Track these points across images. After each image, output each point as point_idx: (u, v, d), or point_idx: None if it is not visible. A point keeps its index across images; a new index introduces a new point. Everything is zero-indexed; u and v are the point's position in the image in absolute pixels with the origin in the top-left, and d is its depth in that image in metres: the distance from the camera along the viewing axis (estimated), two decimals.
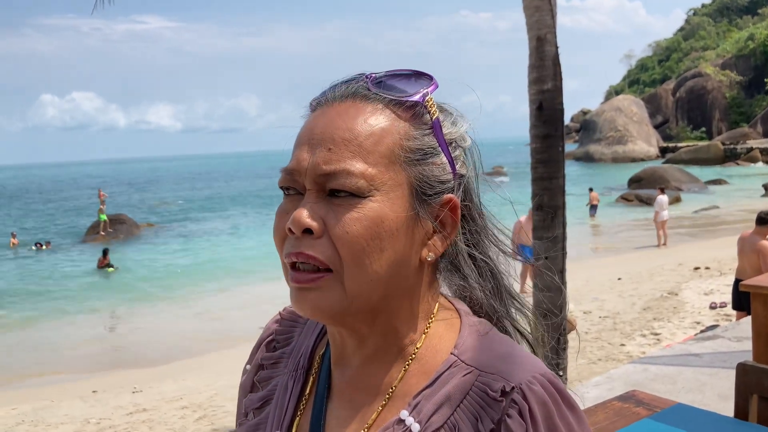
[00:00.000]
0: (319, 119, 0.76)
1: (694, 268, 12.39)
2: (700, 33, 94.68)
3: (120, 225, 25.54)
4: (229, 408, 6.91)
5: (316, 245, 0.72)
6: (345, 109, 0.75)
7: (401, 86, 0.77)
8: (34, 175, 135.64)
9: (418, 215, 0.75)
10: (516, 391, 0.71)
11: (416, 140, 0.75)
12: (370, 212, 0.71)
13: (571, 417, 0.73)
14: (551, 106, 4.75)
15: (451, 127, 0.80)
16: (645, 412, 1.89)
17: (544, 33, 4.80)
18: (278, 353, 0.91)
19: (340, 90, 0.78)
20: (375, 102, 0.76)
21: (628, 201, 27.67)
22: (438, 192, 0.76)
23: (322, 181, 0.72)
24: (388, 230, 0.72)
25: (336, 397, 0.82)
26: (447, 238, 0.78)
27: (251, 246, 21.20)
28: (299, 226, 0.72)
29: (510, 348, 0.77)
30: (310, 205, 0.73)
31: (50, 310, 13.91)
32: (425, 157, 0.76)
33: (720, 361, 4.76)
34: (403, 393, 0.77)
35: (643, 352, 7.35)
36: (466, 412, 0.73)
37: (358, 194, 0.71)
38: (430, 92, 0.77)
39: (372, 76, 0.78)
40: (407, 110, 0.76)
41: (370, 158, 0.72)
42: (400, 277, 0.75)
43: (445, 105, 0.82)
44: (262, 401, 0.88)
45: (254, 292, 14.12)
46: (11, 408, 7.65)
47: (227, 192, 50.97)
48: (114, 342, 11.47)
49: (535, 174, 4.80)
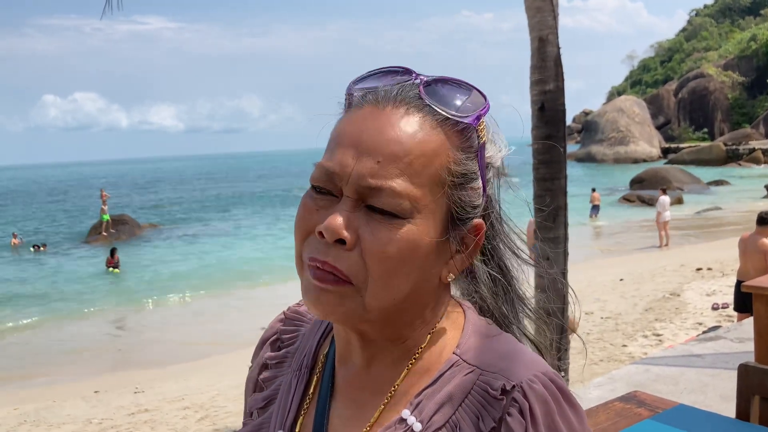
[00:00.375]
0: (369, 123, 0.72)
1: (696, 269, 12.38)
2: (703, 34, 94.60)
3: (122, 225, 25.57)
4: (230, 408, 6.91)
5: (344, 258, 0.70)
6: (398, 119, 0.72)
7: (455, 101, 0.75)
8: (36, 175, 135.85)
9: (449, 240, 0.75)
10: (517, 390, 0.72)
11: (462, 165, 0.75)
12: (407, 234, 0.70)
13: (572, 415, 0.73)
14: (553, 107, 4.76)
15: (491, 148, 0.79)
16: (647, 413, 1.89)
17: (546, 34, 4.80)
18: (282, 353, 0.91)
19: (392, 91, 0.74)
20: (429, 116, 0.73)
21: (630, 202, 27.67)
22: (470, 216, 0.76)
23: (365, 192, 0.70)
24: (420, 254, 0.72)
25: (339, 397, 0.82)
26: (468, 260, 0.78)
27: (253, 247, 21.24)
28: (333, 234, 0.69)
29: (512, 347, 0.77)
30: (347, 214, 0.70)
31: (52, 310, 13.93)
32: (466, 182, 0.75)
33: (722, 362, 4.76)
34: (405, 392, 0.77)
35: (645, 353, 7.35)
36: (467, 410, 0.73)
37: (399, 215, 0.70)
38: (484, 114, 0.76)
39: (423, 79, 0.75)
40: (460, 132, 0.74)
41: (417, 179, 0.71)
42: (419, 294, 0.76)
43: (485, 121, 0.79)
44: (266, 401, 0.88)
45: (256, 294, 14.13)
46: (13, 408, 7.66)
47: (230, 192, 51.01)
48: (116, 342, 11.48)
49: (537, 175, 4.80)
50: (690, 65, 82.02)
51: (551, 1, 4.79)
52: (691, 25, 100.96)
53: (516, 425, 0.71)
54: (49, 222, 34.44)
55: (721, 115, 66.56)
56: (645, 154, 55.78)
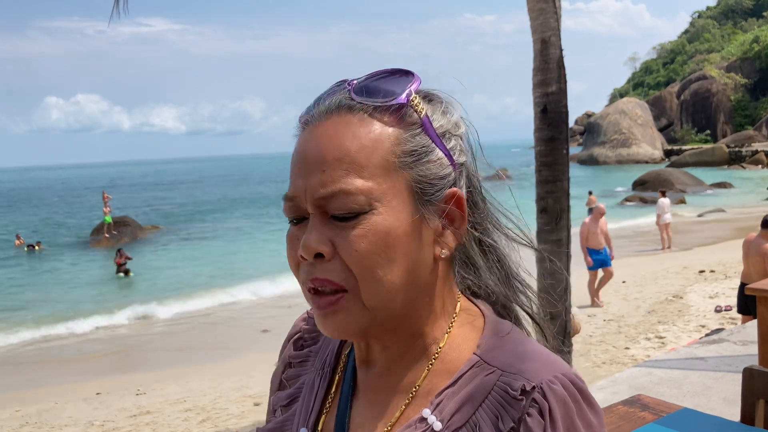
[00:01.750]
0: (309, 140, 0.75)
1: (699, 272, 12.35)
2: (705, 36, 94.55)
3: (124, 227, 25.62)
4: (232, 411, 6.91)
5: (329, 268, 0.73)
6: (332, 126, 0.74)
7: (384, 88, 0.76)
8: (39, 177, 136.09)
9: (423, 217, 0.75)
10: (537, 391, 0.72)
11: (408, 142, 0.74)
12: (374, 226, 0.71)
13: (591, 416, 0.73)
14: (556, 109, 4.75)
15: (441, 118, 0.78)
16: (650, 417, 1.88)
17: (548, 35, 4.79)
18: (305, 351, 0.93)
19: (324, 104, 0.77)
20: (360, 112, 0.75)
21: (633, 204, 27.63)
22: (439, 188, 0.76)
23: (323, 203, 0.72)
24: (396, 240, 0.72)
25: (361, 396, 0.83)
26: (457, 232, 0.78)
27: (256, 249, 21.25)
28: (310, 252, 0.72)
29: (532, 347, 0.78)
30: (317, 228, 0.73)
31: (54, 311, 13.93)
32: (420, 158, 0.75)
33: (725, 365, 4.74)
34: (426, 392, 0.78)
35: (647, 355, 7.33)
36: (487, 411, 0.74)
37: (360, 211, 0.71)
38: (414, 90, 0.76)
39: (353, 82, 0.77)
40: (394, 114, 0.75)
41: (365, 172, 0.72)
42: (417, 280, 0.76)
43: (434, 93, 0.80)
44: (289, 399, 0.90)
45: (260, 296, 14.13)
46: (15, 410, 7.66)
47: (232, 195, 51.06)
48: (117, 344, 11.47)
49: (540, 177, 4.79)
50: (692, 67, 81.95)
51: (554, 3, 4.78)
52: (694, 27, 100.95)
53: (535, 426, 0.71)
54: (51, 224, 34.49)
55: (724, 117, 66.47)
56: (647, 156, 55.74)
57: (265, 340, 10.25)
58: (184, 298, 14.63)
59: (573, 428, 0.71)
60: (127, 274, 17.82)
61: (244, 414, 6.77)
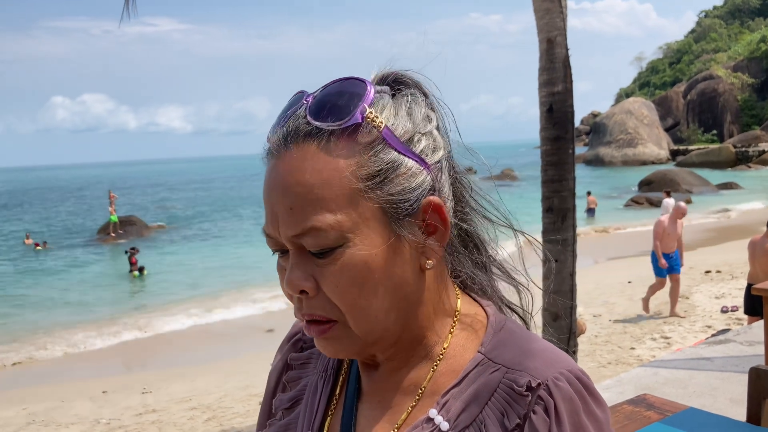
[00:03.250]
0: (272, 176, 0.73)
1: (705, 272, 12.31)
2: (712, 35, 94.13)
3: (130, 226, 25.71)
4: (237, 409, 6.92)
5: (315, 304, 0.73)
6: (291, 160, 0.71)
7: (338, 106, 0.71)
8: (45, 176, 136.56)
9: (400, 236, 0.72)
10: (542, 388, 0.72)
11: (371, 164, 0.71)
12: (351, 260, 0.70)
13: (598, 412, 0.73)
14: (561, 109, 4.75)
15: (406, 121, 0.74)
16: (656, 416, 1.88)
17: (554, 35, 4.79)
18: (306, 353, 0.92)
19: (282, 131, 0.73)
20: (316, 139, 0.71)
21: (638, 204, 27.56)
22: (414, 201, 0.73)
23: (296, 241, 0.71)
24: (375, 268, 0.71)
25: (366, 398, 0.83)
26: (442, 239, 0.75)
27: (262, 248, 21.19)
28: (294, 289, 0.72)
29: (537, 344, 0.77)
30: (297, 265, 0.72)
31: (59, 309, 13.99)
32: (387, 176, 0.71)
33: (732, 365, 4.72)
34: (432, 392, 0.78)
35: (653, 355, 7.31)
36: (493, 409, 0.73)
37: (333, 246, 0.70)
38: (368, 104, 0.71)
39: (309, 99, 0.74)
40: (351, 136, 0.71)
41: (332, 205, 0.69)
42: (406, 297, 0.75)
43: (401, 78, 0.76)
44: (291, 401, 0.89)
45: (264, 295, 14.14)
46: (22, 408, 7.69)
47: (238, 194, 51.13)
48: (123, 342, 11.50)
49: (546, 176, 4.79)
50: (699, 67, 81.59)
51: (559, 2, 4.78)
52: (700, 26, 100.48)
53: (540, 423, 0.71)
54: (58, 223, 34.62)
55: (731, 117, 66.17)
56: (653, 156, 55.54)
57: (270, 339, 10.27)
58: (191, 297, 14.67)
59: (579, 425, 0.71)
60: (141, 272, 17.69)
61: (249, 413, 6.79)
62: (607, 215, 24.77)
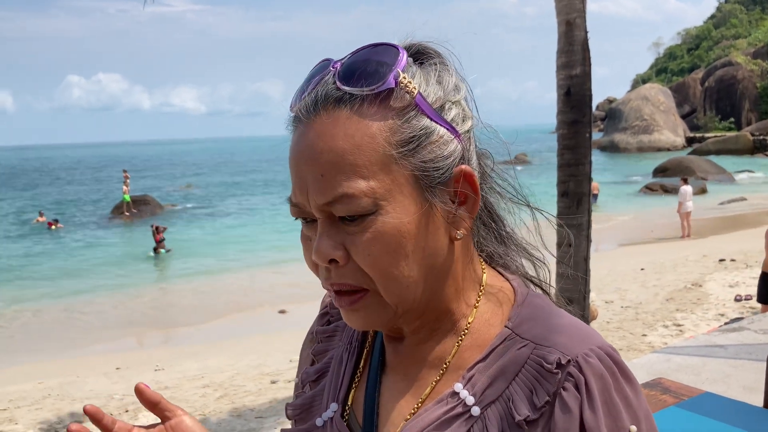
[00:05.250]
0: (302, 143, 0.71)
1: (719, 260, 12.22)
2: (732, 21, 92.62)
3: (144, 206, 25.89)
4: (249, 388, 6.99)
5: (345, 272, 0.72)
6: (322, 126, 0.70)
7: (370, 69, 0.70)
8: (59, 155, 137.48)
9: (432, 204, 0.72)
10: (572, 364, 0.70)
11: (404, 130, 0.70)
12: (383, 227, 0.69)
13: (628, 390, 0.71)
14: (579, 92, 4.70)
15: (437, 89, 0.72)
16: (672, 400, 1.87)
17: (573, 17, 4.73)
18: (332, 327, 0.92)
19: (311, 97, 0.72)
20: (348, 105, 0.69)
21: (653, 191, 27.34)
22: (446, 170, 0.72)
23: (327, 209, 0.70)
24: (407, 235, 0.70)
25: (390, 371, 0.83)
26: (472, 209, 0.75)
27: (276, 230, 21.34)
28: (323, 259, 0.71)
29: (566, 320, 0.76)
30: (327, 233, 0.71)
31: (76, 286, 14.14)
32: (420, 143, 0.70)
33: (746, 353, 4.70)
34: (457, 366, 0.77)
35: (665, 342, 7.29)
36: (521, 384, 0.72)
37: (366, 213, 0.69)
38: (401, 68, 0.70)
39: (337, 65, 0.72)
40: (383, 101, 0.69)
41: (364, 172, 0.68)
42: (435, 267, 0.74)
43: (426, 50, 0.75)
44: (318, 374, 0.89)
45: (278, 275, 14.23)
46: (38, 382, 7.81)
47: (251, 175, 51.27)
48: (138, 319, 11.63)
49: (562, 160, 4.76)
50: (718, 53, 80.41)
51: None
52: (720, 12, 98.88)
53: (571, 400, 0.69)
54: (72, 201, 34.88)
55: (749, 105, 65.25)
56: (669, 143, 55.00)
57: (282, 320, 10.34)
58: (204, 277, 14.78)
59: (611, 402, 0.70)
60: (157, 252, 17.64)
61: (261, 391, 6.85)
62: (621, 202, 24.62)
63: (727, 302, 9.07)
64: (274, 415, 6.04)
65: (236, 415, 6.16)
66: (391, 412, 0.79)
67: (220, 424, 5.99)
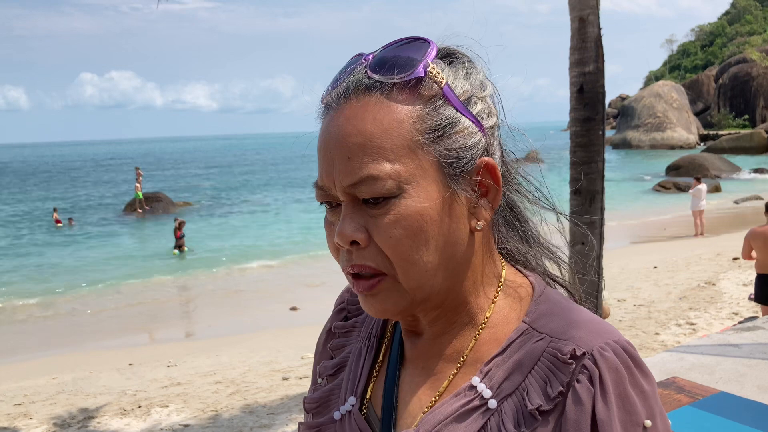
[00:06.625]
0: (331, 128, 0.74)
1: (733, 258, 12.11)
2: (747, 17, 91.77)
3: (157, 203, 26.00)
4: (261, 384, 7.01)
5: (366, 255, 0.73)
6: (351, 111, 0.72)
7: (400, 61, 0.73)
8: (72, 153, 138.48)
9: (455, 192, 0.73)
10: (587, 357, 0.71)
11: (431, 118, 0.72)
12: (406, 210, 0.71)
13: (644, 384, 0.72)
14: (592, 89, 4.68)
15: (464, 83, 0.75)
16: (687, 399, 1.86)
17: (586, 14, 4.71)
18: (350, 322, 0.93)
19: (342, 86, 0.74)
20: (378, 91, 0.72)
21: (666, 189, 27.16)
22: (469, 160, 0.74)
23: (352, 191, 0.72)
24: (429, 221, 0.71)
25: (409, 365, 0.84)
26: (493, 201, 0.76)
27: (288, 226, 21.41)
28: (345, 240, 0.73)
29: (583, 315, 0.77)
30: (350, 216, 0.72)
31: (89, 282, 14.25)
32: (446, 131, 0.72)
33: (761, 353, 4.66)
34: (474, 360, 0.78)
35: (678, 341, 7.24)
36: (536, 377, 0.73)
37: (389, 196, 0.70)
38: (431, 60, 0.73)
39: (369, 57, 0.75)
40: (413, 89, 0.72)
41: (390, 155, 0.70)
42: (455, 256, 0.75)
43: (455, 51, 0.78)
44: (335, 368, 0.91)
45: (290, 271, 14.28)
46: (52, 377, 7.88)
47: (263, 172, 51.41)
48: (150, 315, 11.70)
49: (574, 158, 4.74)
50: (732, 50, 79.70)
51: None
52: (735, 8, 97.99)
53: (584, 392, 0.70)
54: (84, 199, 35.13)
55: (764, 102, 64.60)
56: (682, 140, 54.59)
57: (294, 317, 10.36)
58: (217, 273, 14.85)
59: (625, 396, 0.70)
60: (181, 250, 17.45)
61: (272, 388, 6.87)
62: (634, 199, 24.48)
63: (741, 301, 9.00)
64: (286, 412, 6.06)
65: (248, 412, 6.19)
66: (410, 405, 0.80)
67: (232, 420, 6.02)
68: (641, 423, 0.70)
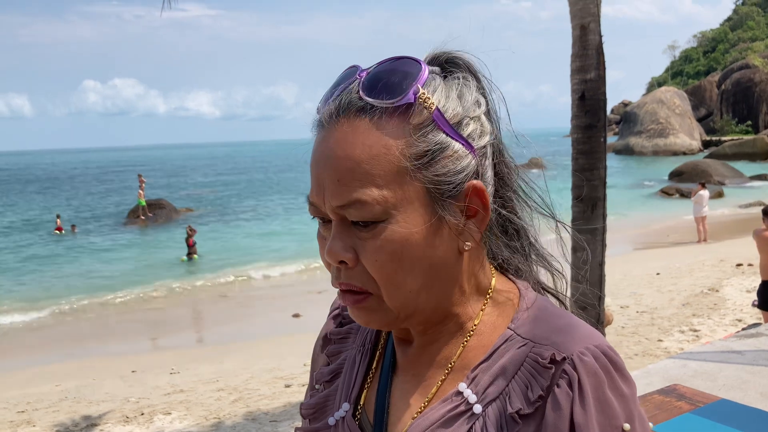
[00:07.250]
0: (322, 147, 0.74)
1: (737, 265, 12.09)
2: (749, 23, 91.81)
3: (160, 210, 26.03)
4: (264, 392, 7.01)
5: (353, 275, 0.75)
6: (341, 133, 0.73)
7: (392, 83, 0.73)
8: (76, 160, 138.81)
9: (442, 217, 0.74)
10: (567, 362, 0.72)
11: (419, 144, 0.72)
12: (392, 236, 0.72)
13: (623, 388, 0.73)
14: (594, 96, 4.69)
15: (456, 105, 0.75)
16: (687, 407, 1.86)
17: (587, 21, 4.72)
18: (345, 329, 0.95)
19: (335, 104, 0.75)
20: (369, 114, 0.72)
21: (669, 195, 27.13)
22: (458, 184, 0.74)
23: (341, 212, 0.73)
24: (415, 246, 0.73)
25: (401, 372, 0.86)
26: (481, 223, 0.77)
27: (290, 234, 21.42)
28: (334, 259, 0.75)
29: (567, 321, 0.78)
30: (339, 236, 0.74)
31: (92, 289, 14.26)
32: (434, 157, 0.73)
33: (763, 359, 4.65)
34: (462, 367, 0.80)
35: (681, 348, 7.23)
36: (519, 382, 0.75)
37: (376, 221, 0.72)
38: (421, 84, 0.73)
39: (363, 75, 0.75)
40: (402, 115, 0.72)
41: (379, 181, 0.71)
42: (441, 277, 0.77)
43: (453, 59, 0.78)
44: (331, 374, 0.93)
45: (293, 279, 14.28)
46: (55, 385, 7.89)
47: (265, 179, 51.47)
48: (153, 322, 11.71)
49: (576, 165, 4.74)
50: (735, 56, 79.70)
51: None
52: (737, 14, 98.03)
53: (563, 397, 0.71)
54: (86, 207, 35.19)
55: (767, 107, 64.52)
56: (685, 146, 54.54)
57: (296, 324, 10.36)
58: (218, 280, 14.85)
59: (604, 399, 0.71)
60: (192, 258, 17.31)
61: (275, 395, 6.87)
62: (636, 205, 24.44)
63: (744, 307, 8.97)
64: (288, 419, 6.06)
65: (251, 419, 6.19)
66: (401, 411, 0.82)
67: (234, 427, 6.02)
68: (620, 426, 0.71)
